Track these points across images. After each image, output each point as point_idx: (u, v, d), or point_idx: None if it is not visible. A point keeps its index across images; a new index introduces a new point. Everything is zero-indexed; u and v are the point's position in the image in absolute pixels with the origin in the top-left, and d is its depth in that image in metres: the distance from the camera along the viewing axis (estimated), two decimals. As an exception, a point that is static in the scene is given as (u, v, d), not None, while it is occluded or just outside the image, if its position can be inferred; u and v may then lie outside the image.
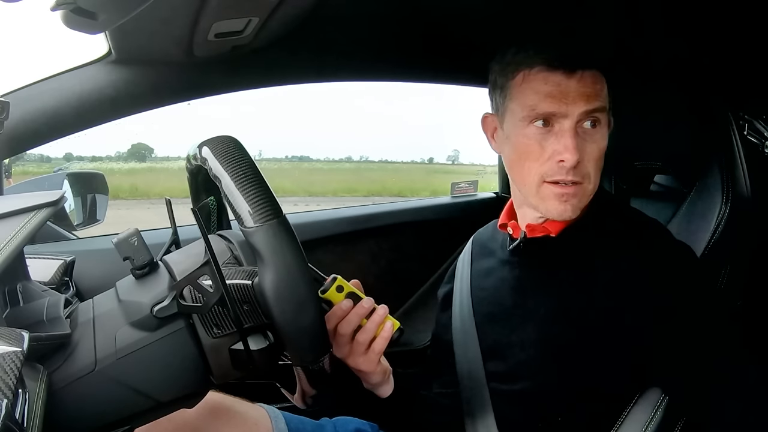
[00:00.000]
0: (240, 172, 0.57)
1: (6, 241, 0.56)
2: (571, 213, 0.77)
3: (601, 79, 0.76)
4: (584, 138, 0.75)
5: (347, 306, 0.73)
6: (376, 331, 0.74)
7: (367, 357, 0.75)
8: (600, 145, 0.76)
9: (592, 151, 0.75)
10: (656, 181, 1.17)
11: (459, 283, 0.93)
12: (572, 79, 0.74)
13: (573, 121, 0.74)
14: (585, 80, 0.75)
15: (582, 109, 0.74)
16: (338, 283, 0.75)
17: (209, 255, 0.56)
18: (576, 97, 0.74)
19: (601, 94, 0.76)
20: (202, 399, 0.67)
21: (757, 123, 1.04)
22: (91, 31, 0.68)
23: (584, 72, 0.75)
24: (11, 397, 0.42)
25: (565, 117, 0.74)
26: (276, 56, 1.08)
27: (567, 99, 0.74)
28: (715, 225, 0.96)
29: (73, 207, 1.30)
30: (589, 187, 0.77)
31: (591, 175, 0.76)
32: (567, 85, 0.74)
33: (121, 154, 12.27)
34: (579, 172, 0.75)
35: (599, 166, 0.77)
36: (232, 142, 0.61)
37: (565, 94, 0.74)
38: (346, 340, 0.74)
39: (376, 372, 0.78)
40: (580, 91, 0.74)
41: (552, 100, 0.74)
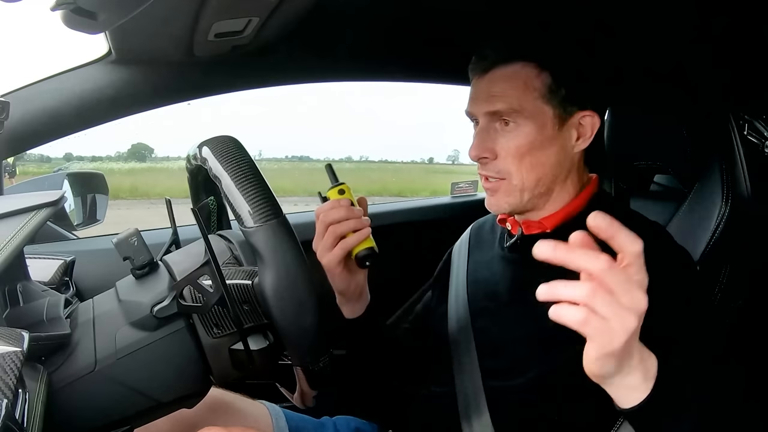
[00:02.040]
0: (240, 172, 0.57)
1: (6, 241, 0.56)
2: (499, 206, 0.81)
3: (520, 75, 0.76)
4: (501, 135, 0.78)
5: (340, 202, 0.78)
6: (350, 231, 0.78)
7: (333, 253, 0.78)
8: (516, 142, 0.77)
9: (507, 148, 0.77)
10: (656, 181, 1.17)
11: (455, 273, 0.93)
12: (482, 80, 0.78)
13: (483, 121, 0.79)
14: (493, 79, 0.77)
15: (483, 110, 0.78)
16: (342, 187, 0.80)
17: (209, 255, 0.56)
18: (482, 99, 0.78)
19: (510, 94, 0.76)
20: (202, 399, 0.67)
21: (757, 123, 1.04)
22: (91, 31, 0.68)
23: (496, 71, 0.77)
24: (11, 397, 0.42)
25: (477, 116, 0.80)
26: (276, 56, 1.08)
27: (476, 99, 0.79)
28: (715, 225, 0.95)
29: (73, 207, 1.29)
30: (514, 183, 0.78)
31: (512, 172, 0.78)
32: (478, 85, 0.79)
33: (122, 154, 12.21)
34: (495, 167, 0.78)
35: (528, 162, 0.77)
36: (232, 142, 0.61)
37: (475, 95, 0.79)
38: (322, 231, 0.78)
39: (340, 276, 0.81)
40: (487, 92, 0.78)
41: (469, 101, 0.80)
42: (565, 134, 0.78)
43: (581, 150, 0.80)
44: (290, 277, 0.55)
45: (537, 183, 0.78)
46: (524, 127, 0.76)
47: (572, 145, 0.79)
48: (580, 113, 0.78)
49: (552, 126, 0.77)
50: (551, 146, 0.78)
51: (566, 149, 0.79)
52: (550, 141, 0.77)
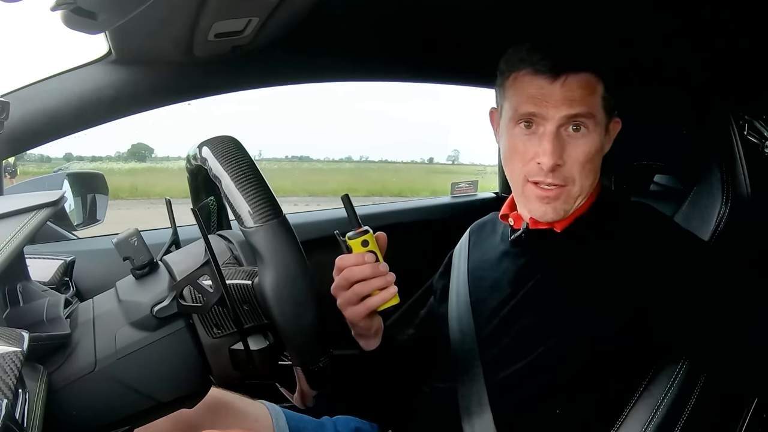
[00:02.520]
0: (240, 173, 0.57)
1: (6, 241, 0.56)
2: (552, 215, 0.79)
3: (591, 83, 0.77)
4: (568, 142, 0.77)
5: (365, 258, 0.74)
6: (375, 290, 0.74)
7: (356, 309, 0.75)
8: (585, 149, 0.77)
9: (576, 155, 0.77)
10: (656, 181, 1.17)
11: (456, 274, 0.94)
12: (556, 84, 0.76)
13: (554, 125, 0.76)
14: (569, 85, 0.76)
15: (563, 114, 0.76)
16: (366, 238, 0.75)
17: (209, 255, 0.56)
18: (558, 102, 0.76)
19: (587, 99, 0.76)
20: (202, 399, 0.67)
21: (757, 123, 1.03)
22: (91, 31, 0.69)
23: (569, 77, 0.76)
24: (11, 397, 0.42)
25: (546, 120, 0.76)
26: (276, 56, 1.08)
27: (549, 102, 0.76)
28: (715, 225, 0.95)
29: (73, 207, 1.29)
30: (574, 190, 0.78)
31: (576, 179, 0.77)
32: (550, 89, 0.76)
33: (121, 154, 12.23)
34: (560, 175, 0.77)
35: (588, 169, 0.78)
36: (232, 142, 0.61)
37: (548, 97, 0.76)
38: (346, 285, 0.75)
39: (361, 324, 0.78)
40: (563, 96, 0.76)
41: (534, 102, 0.77)
42: (606, 139, 0.81)
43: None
44: (290, 277, 0.55)
45: (590, 188, 0.80)
46: (593, 134, 0.77)
47: (606, 149, 0.82)
48: (613, 120, 0.82)
49: (604, 132, 0.80)
50: (601, 152, 0.80)
51: (603, 153, 0.82)
52: (601, 147, 0.80)
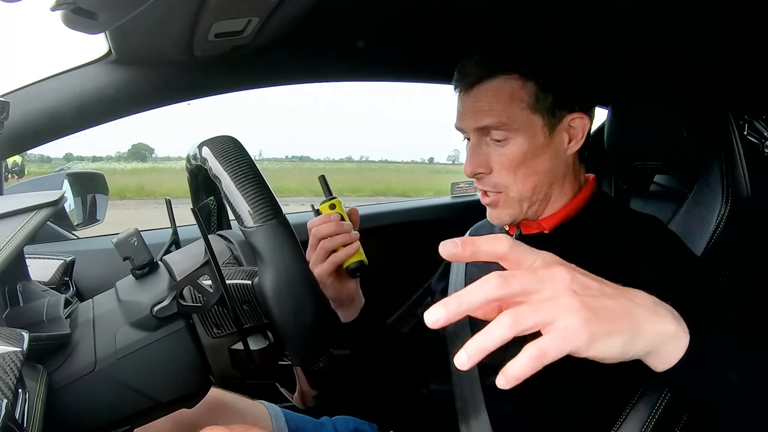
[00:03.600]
0: (240, 172, 0.57)
1: (6, 241, 0.56)
2: (501, 219, 0.81)
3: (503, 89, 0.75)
4: (493, 150, 0.78)
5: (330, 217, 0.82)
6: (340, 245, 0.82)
7: (324, 266, 0.82)
8: (509, 156, 0.77)
9: (501, 162, 0.77)
10: (656, 181, 1.17)
11: (454, 276, 0.94)
12: (468, 96, 0.78)
13: (475, 137, 0.79)
14: (478, 95, 0.77)
15: (472, 127, 0.78)
16: (333, 202, 0.85)
17: (209, 255, 0.56)
18: (469, 115, 0.78)
19: (496, 107, 0.75)
20: (202, 399, 0.67)
21: (757, 123, 1.03)
22: (91, 31, 0.68)
23: (478, 87, 0.76)
24: (11, 397, 0.42)
25: (468, 133, 0.80)
26: (276, 56, 1.08)
27: (464, 116, 0.79)
28: (715, 225, 0.95)
29: (73, 207, 1.29)
30: (511, 194, 0.79)
31: (508, 184, 0.78)
32: (464, 102, 0.79)
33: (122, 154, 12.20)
34: (488, 182, 0.79)
35: (522, 173, 0.77)
36: (232, 142, 0.61)
37: (463, 111, 0.79)
38: (315, 244, 0.82)
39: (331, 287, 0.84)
40: (473, 108, 0.77)
41: (457, 116, 0.80)
42: (556, 139, 0.78)
43: (574, 152, 0.81)
44: (290, 277, 0.55)
45: (533, 191, 0.79)
46: (515, 140, 0.76)
47: (565, 148, 0.80)
48: (569, 116, 0.78)
49: (543, 134, 0.77)
50: (544, 153, 0.78)
51: (559, 153, 0.79)
52: (542, 149, 0.77)
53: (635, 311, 0.44)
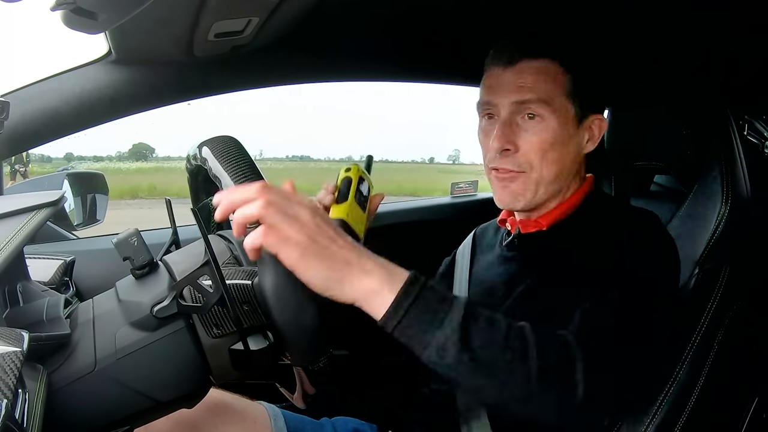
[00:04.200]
0: (240, 173, 0.57)
1: (6, 241, 0.56)
2: (511, 200, 0.80)
3: (548, 70, 0.77)
4: (523, 128, 0.78)
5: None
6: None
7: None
8: (541, 136, 0.77)
9: (531, 141, 0.78)
10: (656, 181, 1.17)
11: (459, 276, 0.94)
12: (508, 71, 0.78)
13: (506, 112, 0.78)
14: (522, 71, 0.77)
15: (512, 99, 0.78)
16: (350, 166, 0.75)
17: (209, 255, 0.56)
18: (509, 88, 0.78)
19: (540, 85, 0.77)
20: (202, 399, 0.67)
21: (757, 123, 1.04)
22: (91, 31, 0.68)
23: (522, 63, 0.77)
24: (11, 397, 0.42)
25: (499, 107, 0.79)
26: (276, 56, 1.08)
27: (500, 89, 0.78)
28: (715, 225, 0.95)
29: (73, 207, 1.29)
30: (533, 176, 0.79)
31: (534, 165, 0.78)
32: (502, 76, 0.78)
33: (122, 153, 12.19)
34: (514, 160, 0.78)
35: (549, 158, 0.78)
36: (231, 142, 0.61)
37: (501, 85, 0.78)
38: None
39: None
40: (515, 82, 0.77)
41: (489, 92, 0.80)
42: (580, 134, 0.81)
43: (587, 152, 0.83)
44: (290, 277, 0.55)
45: (555, 178, 0.79)
46: (550, 121, 0.77)
47: (583, 146, 0.82)
48: (593, 116, 0.81)
49: (572, 124, 0.79)
50: (569, 144, 0.79)
51: (579, 149, 0.82)
52: (570, 139, 0.79)
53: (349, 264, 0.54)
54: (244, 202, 0.53)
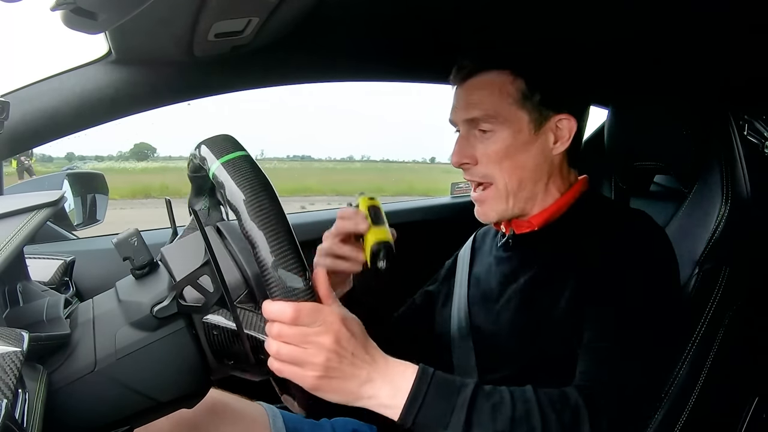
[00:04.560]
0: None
1: (6, 241, 0.56)
2: (487, 215, 0.83)
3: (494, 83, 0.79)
4: (479, 141, 0.80)
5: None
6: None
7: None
8: (494, 147, 0.79)
9: (487, 153, 0.80)
10: (656, 181, 1.17)
11: (459, 277, 0.95)
12: (460, 89, 0.82)
13: (463, 129, 0.82)
14: (470, 88, 0.80)
15: (461, 118, 0.81)
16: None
17: (209, 255, 0.56)
18: (460, 107, 0.81)
19: (486, 100, 0.79)
20: (202, 399, 0.67)
21: (757, 123, 1.04)
22: (91, 31, 0.68)
23: (470, 80, 0.80)
24: (11, 397, 0.42)
25: (458, 125, 0.83)
26: (276, 56, 1.08)
27: (455, 108, 0.82)
28: (715, 225, 0.95)
29: (73, 207, 1.29)
30: (500, 188, 0.80)
31: (494, 175, 0.80)
32: (458, 94, 0.82)
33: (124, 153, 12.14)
34: (475, 173, 0.81)
35: (506, 166, 0.79)
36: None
37: (456, 103, 0.83)
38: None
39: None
40: (465, 100, 0.81)
41: (451, 111, 0.83)
42: (542, 138, 0.80)
43: (561, 152, 0.82)
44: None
45: (519, 185, 0.80)
46: (501, 133, 0.79)
47: (550, 148, 0.81)
48: (556, 117, 0.80)
49: (528, 130, 0.79)
50: (529, 150, 0.80)
51: (545, 152, 0.81)
52: (527, 145, 0.80)
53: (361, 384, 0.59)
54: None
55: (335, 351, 0.56)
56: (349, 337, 0.58)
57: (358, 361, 0.58)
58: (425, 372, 0.61)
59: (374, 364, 0.60)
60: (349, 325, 0.58)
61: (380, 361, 0.60)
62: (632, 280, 0.71)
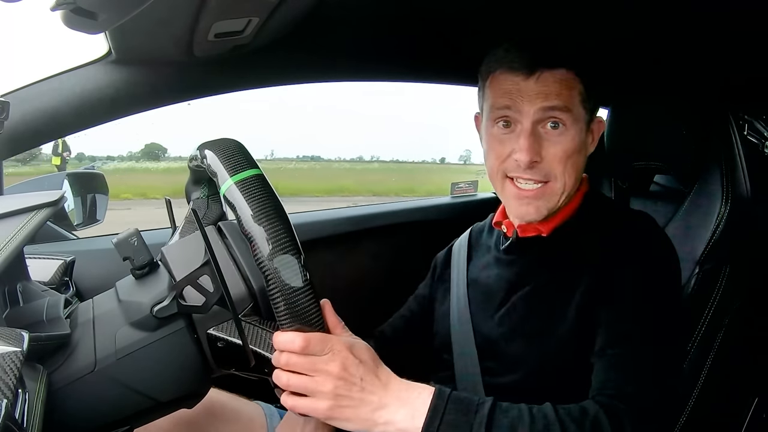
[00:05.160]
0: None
1: (6, 241, 0.56)
2: (534, 215, 0.79)
3: (567, 80, 0.77)
4: (546, 138, 0.77)
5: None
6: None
7: None
8: (564, 146, 0.77)
9: (555, 151, 0.77)
10: (656, 181, 1.17)
11: (455, 273, 0.94)
12: (530, 79, 0.77)
13: (530, 121, 0.77)
14: (545, 80, 0.77)
15: (537, 106, 0.76)
16: None
17: (209, 255, 0.56)
18: (533, 96, 0.77)
19: (563, 93, 0.77)
20: (202, 399, 0.67)
21: (757, 123, 1.04)
22: (91, 31, 0.68)
23: (544, 72, 0.77)
24: (11, 397, 0.42)
25: (522, 115, 0.77)
26: (276, 56, 1.08)
27: (523, 97, 0.77)
28: (715, 225, 0.96)
29: (73, 207, 1.29)
30: (557, 186, 0.78)
31: (557, 175, 0.78)
32: (525, 84, 0.77)
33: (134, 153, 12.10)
34: (539, 171, 0.77)
35: (569, 166, 0.78)
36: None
37: (523, 92, 0.77)
38: None
39: None
40: (538, 90, 0.76)
41: (509, 98, 0.77)
42: (588, 138, 0.82)
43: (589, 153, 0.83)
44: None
45: (574, 185, 0.80)
46: (571, 130, 0.77)
47: (589, 148, 0.82)
48: (595, 118, 0.82)
49: (585, 130, 0.80)
50: (584, 150, 0.81)
51: (587, 153, 0.82)
52: (583, 145, 0.80)
53: (372, 408, 0.59)
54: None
55: (343, 378, 0.57)
56: (357, 363, 0.58)
57: (368, 386, 0.58)
58: (442, 392, 0.60)
59: (387, 388, 0.59)
60: (357, 353, 0.59)
61: (393, 385, 0.60)
62: (643, 282, 0.71)
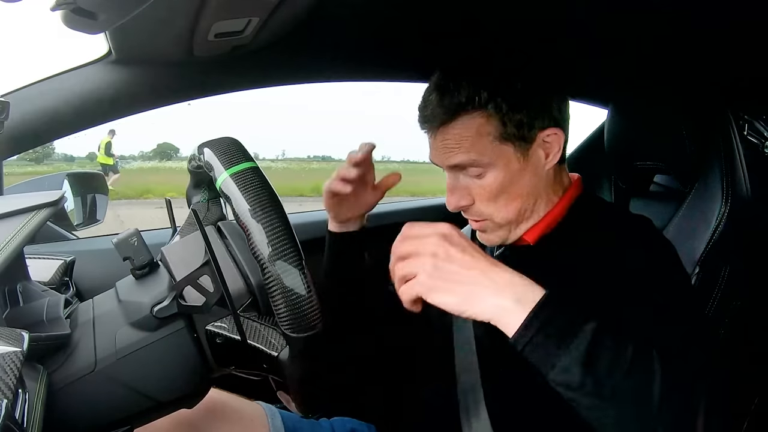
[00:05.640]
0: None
1: (6, 241, 0.56)
2: (495, 241, 0.81)
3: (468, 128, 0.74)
4: (470, 183, 0.77)
5: None
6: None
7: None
8: (489, 189, 0.76)
9: (482, 194, 0.77)
10: (656, 181, 1.17)
11: None
12: (435, 138, 0.77)
13: (450, 173, 0.78)
14: (444, 136, 0.76)
15: (445, 164, 0.77)
16: None
17: (209, 255, 0.56)
18: (439, 153, 0.77)
19: (464, 145, 0.74)
20: (203, 399, 0.67)
21: (757, 123, 1.04)
22: (91, 31, 0.68)
23: (441, 128, 0.75)
24: (11, 397, 0.42)
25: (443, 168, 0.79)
26: (276, 56, 1.08)
27: (435, 154, 0.78)
28: (715, 225, 0.95)
29: (73, 207, 1.29)
30: (497, 220, 0.78)
31: (492, 213, 0.77)
32: (433, 141, 0.78)
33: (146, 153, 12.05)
34: (474, 212, 0.79)
35: (501, 201, 0.76)
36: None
37: (432, 147, 0.79)
38: None
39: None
40: (441, 146, 0.76)
41: (430, 154, 0.80)
42: (532, 160, 0.76)
43: (553, 165, 0.78)
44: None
45: (518, 213, 0.78)
46: (491, 172, 0.75)
47: (543, 164, 0.77)
48: (542, 133, 0.76)
49: (516, 160, 0.76)
50: (522, 178, 0.76)
51: (538, 172, 0.77)
52: (519, 173, 0.76)
53: (478, 282, 0.58)
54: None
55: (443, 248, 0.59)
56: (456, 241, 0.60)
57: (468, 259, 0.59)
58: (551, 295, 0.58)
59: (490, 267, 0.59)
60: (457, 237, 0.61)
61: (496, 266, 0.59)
62: (647, 285, 0.69)
